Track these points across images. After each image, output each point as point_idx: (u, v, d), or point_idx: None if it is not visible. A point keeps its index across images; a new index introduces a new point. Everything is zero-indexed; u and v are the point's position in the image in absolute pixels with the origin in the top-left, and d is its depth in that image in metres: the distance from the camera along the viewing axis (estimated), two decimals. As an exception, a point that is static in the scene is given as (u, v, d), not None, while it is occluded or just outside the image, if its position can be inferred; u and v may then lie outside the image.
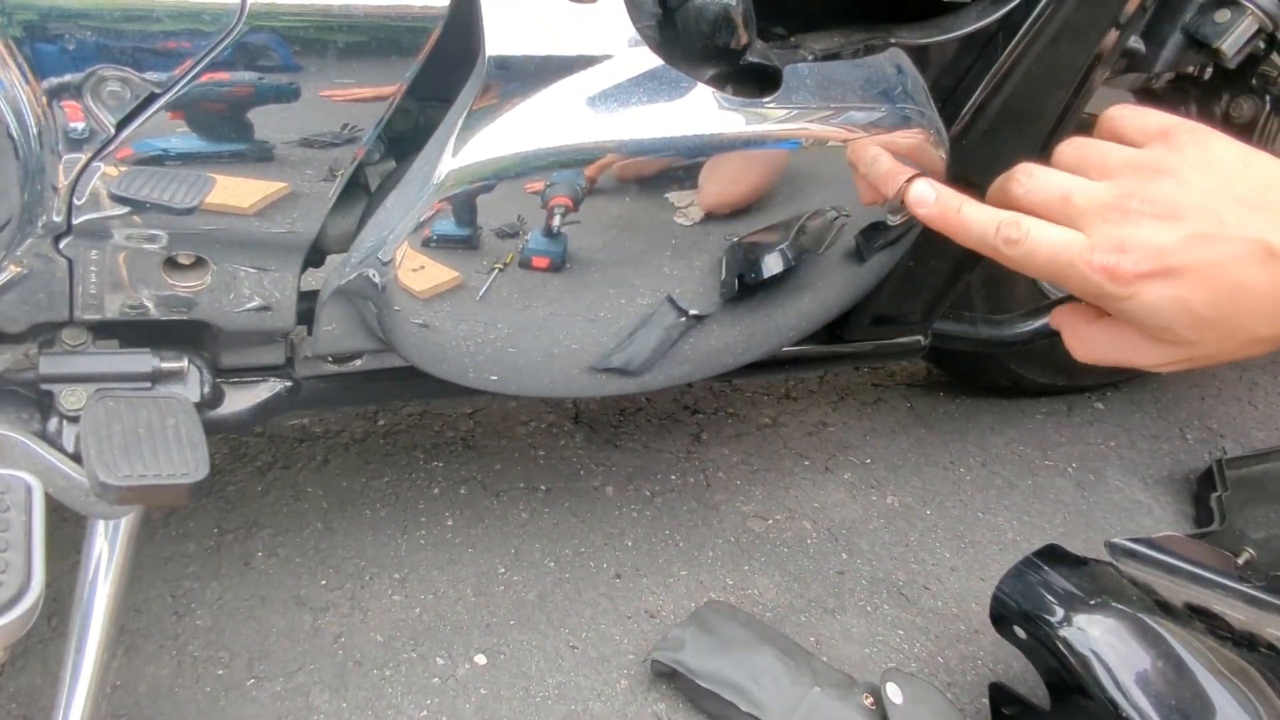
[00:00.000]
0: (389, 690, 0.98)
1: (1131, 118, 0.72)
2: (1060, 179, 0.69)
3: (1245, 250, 0.63)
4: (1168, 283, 0.64)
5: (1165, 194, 0.65)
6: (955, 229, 0.69)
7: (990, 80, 0.89)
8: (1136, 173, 0.67)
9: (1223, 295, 0.64)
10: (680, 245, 0.77)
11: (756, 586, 1.15)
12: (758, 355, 0.93)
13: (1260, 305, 0.63)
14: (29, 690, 0.92)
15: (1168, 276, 0.64)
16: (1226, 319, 0.64)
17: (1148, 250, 0.64)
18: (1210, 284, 0.64)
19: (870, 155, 0.75)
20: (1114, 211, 0.66)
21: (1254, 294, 0.63)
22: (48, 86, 0.62)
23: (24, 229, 0.68)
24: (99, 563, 0.78)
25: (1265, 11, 0.99)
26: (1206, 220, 0.64)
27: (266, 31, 0.63)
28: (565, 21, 0.69)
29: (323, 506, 1.17)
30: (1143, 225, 0.65)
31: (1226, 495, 1.28)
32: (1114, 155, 0.70)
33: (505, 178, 0.70)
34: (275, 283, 0.78)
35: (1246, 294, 0.63)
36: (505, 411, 1.35)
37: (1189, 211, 0.64)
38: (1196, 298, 0.64)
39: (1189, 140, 0.67)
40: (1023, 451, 1.43)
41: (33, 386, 0.78)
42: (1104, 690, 0.86)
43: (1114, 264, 0.65)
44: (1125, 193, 0.66)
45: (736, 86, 0.75)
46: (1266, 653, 0.92)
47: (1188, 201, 0.65)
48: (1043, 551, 0.99)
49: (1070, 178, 0.70)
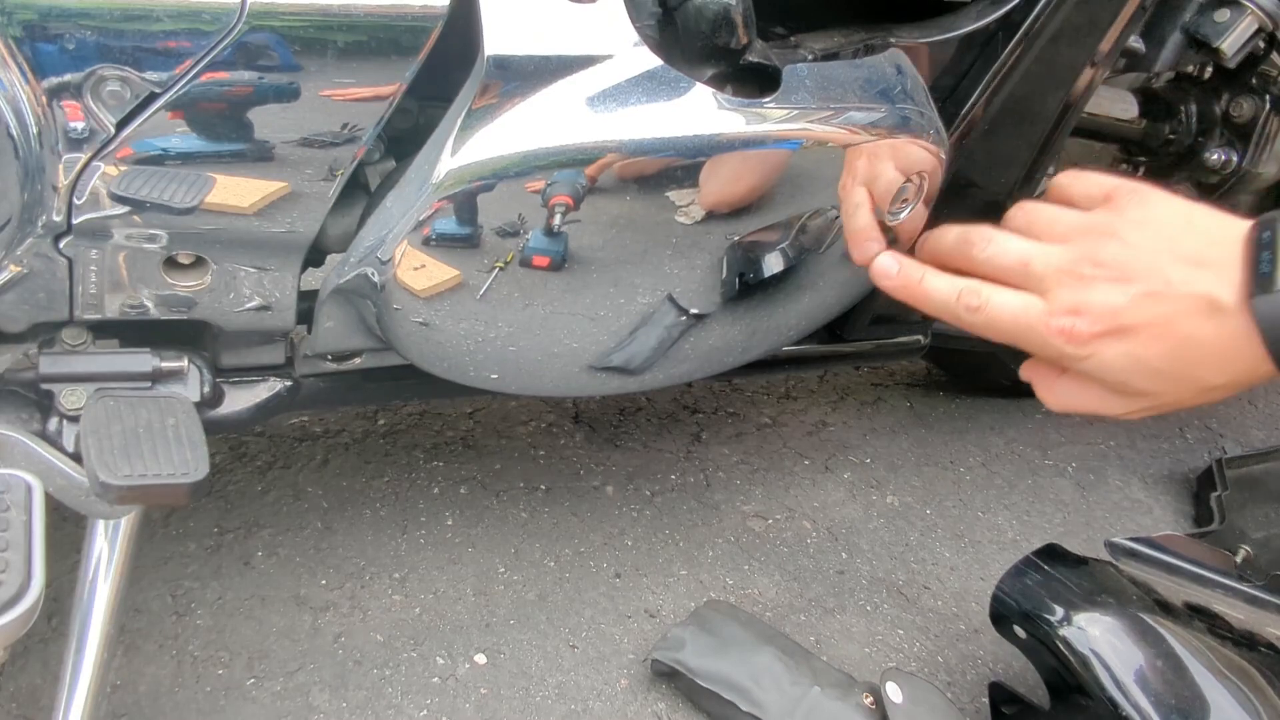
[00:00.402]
0: (389, 690, 0.98)
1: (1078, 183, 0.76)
2: (1018, 245, 0.73)
3: (1192, 306, 0.66)
4: (1122, 341, 0.67)
5: (1114, 256, 0.68)
6: (919, 299, 0.73)
7: (990, 80, 0.89)
8: (1086, 236, 0.70)
9: (1174, 349, 0.67)
10: (681, 244, 0.77)
11: (756, 586, 1.15)
12: (758, 355, 0.93)
13: (1209, 357, 0.66)
14: (29, 690, 0.92)
15: (1121, 335, 0.68)
16: (1180, 371, 0.67)
17: (1101, 312, 0.68)
18: (1161, 339, 0.67)
19: (853, 203, 0.78)
20: (1068, 276, 0.69)
21: (1202, 346, 0.66)
22: (48, 86, 0.62)
23: (24, 228, 0.68)
24: (99, 563, 0.78)
25: (1265, 11, 0.99)
26: (1154, 279, 0.67)
27: (266, 31, 0.63)
28: (565, 21, 0.69)
29: (323, 506, 1.17)
30: (1096, 288, 0.68)
31: (1226, 495, 1.28)
32: (1064, 220, 0.73)
33: (505, 177, 0.70)
34: (275, 282, 0.78)
35: (1196, 347, 0.66)
36: (505, 411, 1.35)
37: (1137, 272, 0.67)
38: (1150, 353, 0.67)
39: (1131, 202, 0.70)
40: (1023, 451, 1.43)
41: (33, 386, 0.78)
42: (1104, 689, 0.86)
43: (1070, 326, 0.69)
44: (1078, 258, 0.69)
45: (736, 86, 0.75)
46: (1266, 652, 0.92)
47: (1135, 262, 0.68)
48: (1042, 551, 0.99)
49: (1026, 244, 0.73)
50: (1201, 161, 1.16)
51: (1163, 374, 0.68)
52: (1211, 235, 0.67)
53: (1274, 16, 1.00)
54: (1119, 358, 0.68)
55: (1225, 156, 1.15)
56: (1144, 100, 1.22)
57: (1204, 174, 1.17)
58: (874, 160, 0.79)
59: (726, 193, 0.76)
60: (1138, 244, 0.68)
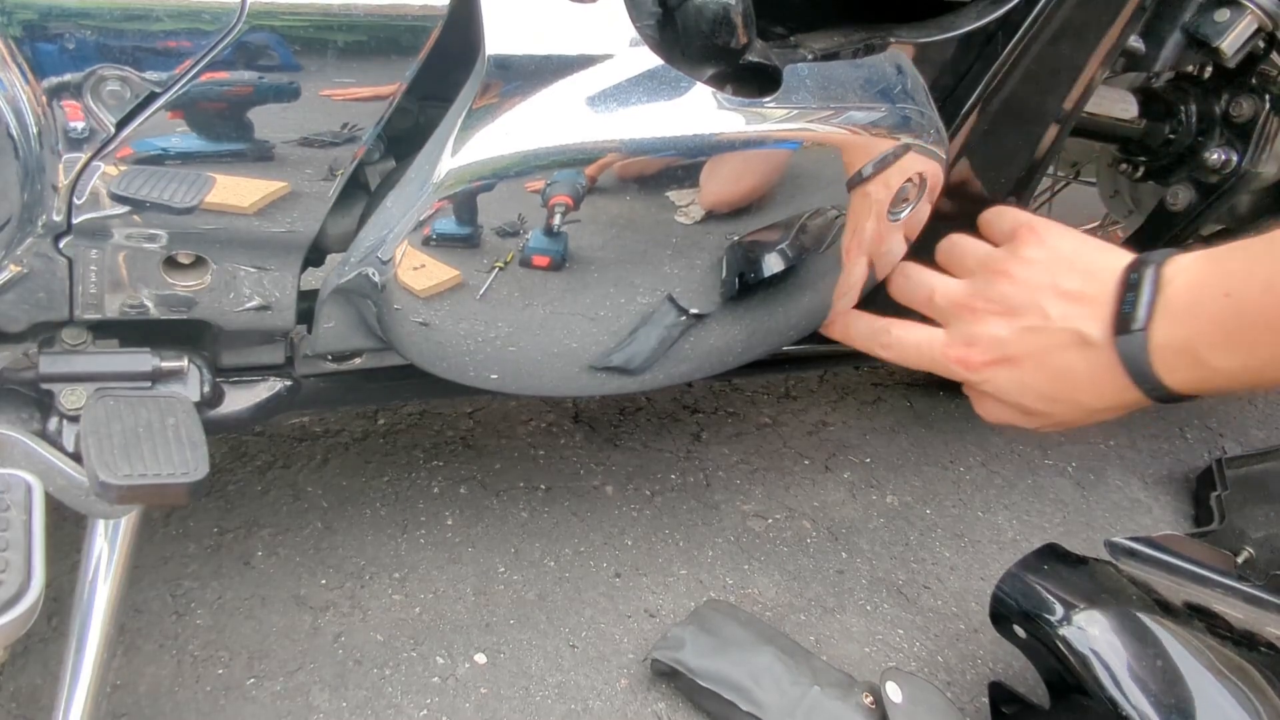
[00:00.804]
0: (389, 689, 0.98)
1: (995, 219, 0.84)
2: (928, 280, 0.82)
3: (1067, 340, 0.73)
4: (1010, 369, 0.76)
5: (1002, 293, 0.76)
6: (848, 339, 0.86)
7: (990, 80, 0.89)
8: (983, 271, 0.78)
9: (1054, 377, 0.74)
10: (681, 244, 0.77)
11: (756, 586, 1.15)
12: (758, 354, 0.93)
13: (1084, 385, 0.73)
14: (29, 690, 0.92)
15: (1008, 364, 0.76)
16: (1062, 395, 0.75)
17: (989, 343, 0.77)
18: (1043, 368, 0.75)
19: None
20: (964, 310, 0.78)
21: (1078, 376, 0.73)
22: (48, 86, 0.62)
23: (24, 228, 0.68)
24: (99, 563, 0.78)
25: (1265, 11, 0.99)
26: (1035, 315, 0.75)
27: (266, 31, 0.63)
28: (565, 21, 0.69)
29: (323, 506, 1.17)
30: (986, 322, 0.77)
31: (1226, 495, 1.28)
32: (971, 255, 0.82)
33: (505, 177, 0.70)
34: (275, 282, 0.78)
35: (1072, 376, 0.73)
36: (505, 411, 1.35)
37: (1021, 307, 0.75)
38: (1035, 380, 0.75)
39: (1028, 239, 0.77)
40: (1022, 451, 1.43)
41: (33, 386, 0.78)
42: (1103, 689, 0.86)
43: (965, 356, 0.78)
44: (973, 293, 0.78)
45: (736, 86, 0.75)
46: (1266, 652, 0.92)
47: (1019, 298, 0.76)
48: (1042, 551, 0.99)
49: (936, 278, 0.83)
50: (1201, 161, 1.16)
51: (1048, 398, 0.75)
52: (1091, 273, 0.73)
53: (1274, 16, 0.99)
54: (1009, 383, 0.76)
55: (1225, 156, 1.15)
56: (1144, 100, 1.22)
57: (1204, 174, 1.17)
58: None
59: (727, 192, 0.76)
60: (1024, 280, 0.75)
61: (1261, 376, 0.66)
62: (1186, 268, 0.70)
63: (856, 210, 0.82)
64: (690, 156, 0.72)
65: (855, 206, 0.81)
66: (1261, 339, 0.65)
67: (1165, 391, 0.71)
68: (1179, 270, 0.70)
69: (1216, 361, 0.67)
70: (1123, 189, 1.41)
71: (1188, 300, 0.68)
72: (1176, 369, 0.69)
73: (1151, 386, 0.71)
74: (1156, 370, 0.70)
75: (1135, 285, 0.71)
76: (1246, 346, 0.65)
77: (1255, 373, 0.66)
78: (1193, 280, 0.69)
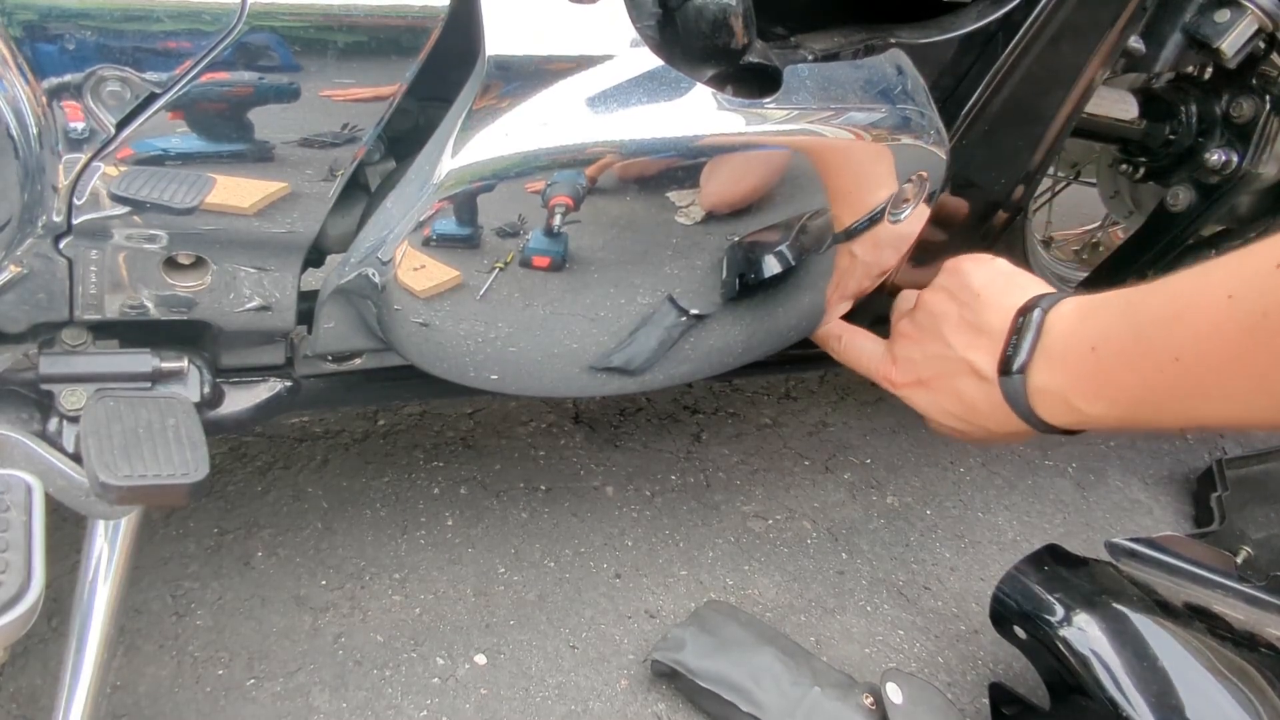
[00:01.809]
0: (389, 690, 0.98)
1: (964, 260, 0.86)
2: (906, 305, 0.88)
3: (965, 369, 0.78)
4: (923, 390, 0.83)
5: (920, 322, 0.83)
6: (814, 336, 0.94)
7: (990, 80, 0.89)
8: (921, 301, 0.84)
9: (958, 402, 0.80)
10: (681, 245, 0.77)
11: (756, 586, 1.15)
12: (758, 355, 0.93)
13: (984, 412, 0.77)
14: (29, 690, 0.92)
15: (922, 386, 0.83)
16: (969, 418, 0.80)
17: (906, 365, 0.84)
18: (948, 393, 0.80)
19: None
20: (898, 333, 0.86)
21: (977, 403, 0.78)
22: (48, 86, 0.62)
23: (24, 229, 0.68)
24: (99, 563, 0.78)
25: (1265, 11, 0.99)
26: (939, 343, 0.80)
27: (266, 31, 0.63)
28: (565, 21, 0.69)
29: (323, 506, 1.17)
30: (906, 345, 0.84)
31: (1226, 495, 1.28)
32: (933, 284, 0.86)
33: (505, 177, 0.70)
34: (275, 282, 0.78)
35: (972, 403, 0.78)
36: (505, 411, 1.35)
37: (929, 335, 0.82)
38: (944, 402, 0.81)
39: (953, 273, 0.82)
40: (1023, 451, 1.43)
41: (33, 386, 0.77)
42: (1104, 690, 0.86)
43: (889, 375, 0.86)
44: (908, 319, 0.85)
45: (737, 87, 0.75)
46: (1266, 653, 0.92)
47: (928, 326, 0.82)
48: (1042, 551, 0.99)
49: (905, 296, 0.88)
50: (1201, 162, 1.16)
51: (959, 418, 0.81)
52: (994, 307, 0.77)
53: (1274, 16, 0.99)
54: (926, 403, 0.83)
55: (1225, 157, 1.15)
56: (1144, 100, 1.21)
57: (1204, 174, 1.17)
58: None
59: (727, 193, 0.76)
60: (936, 310, 0.81)
61: (1132, 424, 0.69)
62: (1065, 315, 0.72)
63: (856, 211, 0.82)
64: (690, 157, 0.72)
65: (855, 207, 0.81)
66: (1120, 396, 0.67)
67: (1049, 428, 0.74)
68: (1059, 318, 0.72)
69: (1086, 408, 0.70)
70: (1123, 190, 1.41)
71: (1060, 349, 0.71)
72: (1054, 411, 0.72)
73: (1036, 423, 0.74)
74: (1037, 410, 0.73)
75: (1020, 329, 0.73)
76: (1108, 399, 0.68)
77: (1122, 420, 0.69)
78: (1065, 330, 0.71)
